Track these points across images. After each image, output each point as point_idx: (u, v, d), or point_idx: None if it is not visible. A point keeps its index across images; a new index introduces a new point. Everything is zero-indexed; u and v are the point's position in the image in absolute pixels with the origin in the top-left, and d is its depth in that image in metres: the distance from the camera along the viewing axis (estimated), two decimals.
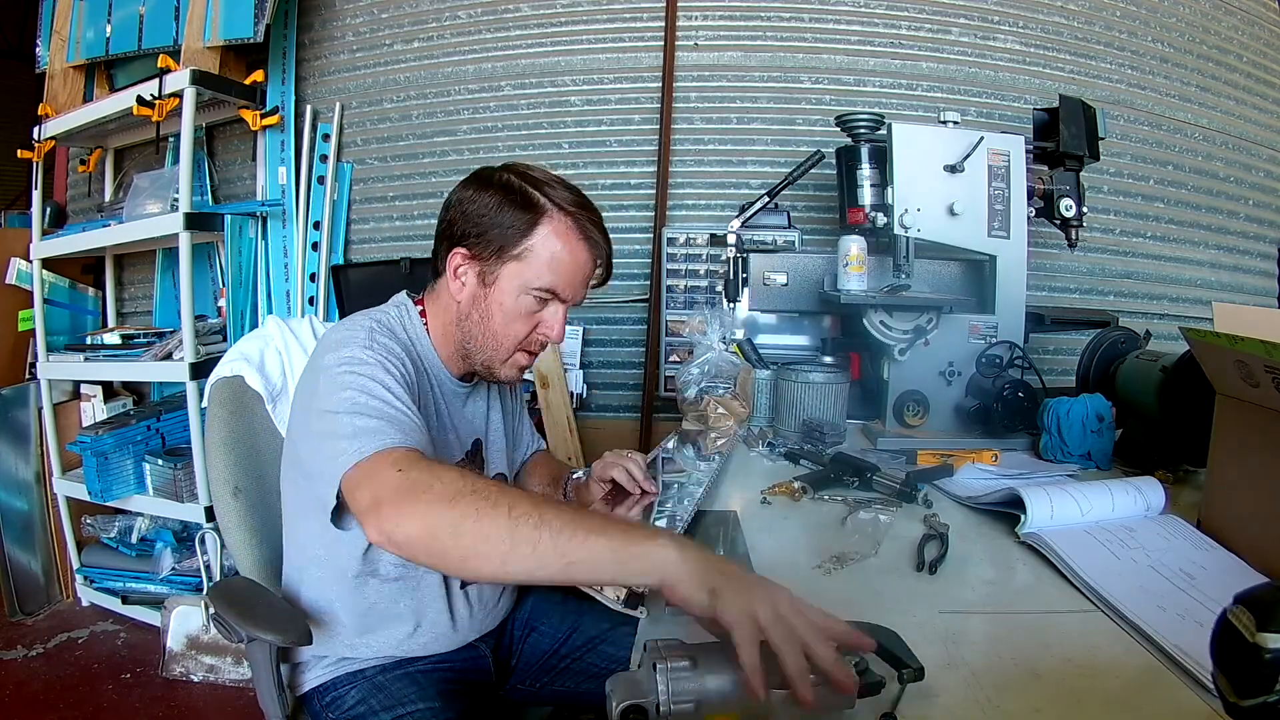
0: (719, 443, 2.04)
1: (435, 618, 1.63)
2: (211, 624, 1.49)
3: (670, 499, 1.66)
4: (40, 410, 3.75)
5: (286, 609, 1.53)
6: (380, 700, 1.55)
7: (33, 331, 3.78)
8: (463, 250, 1.51)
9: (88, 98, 3.83)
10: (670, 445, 2.08)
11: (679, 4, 3.46)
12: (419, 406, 1.39)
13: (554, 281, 1.50)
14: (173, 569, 3.49)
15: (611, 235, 1.59)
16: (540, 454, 2.05)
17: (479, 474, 1.38)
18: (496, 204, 1.48)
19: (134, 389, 4.05)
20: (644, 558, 1.03)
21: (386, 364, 1.37)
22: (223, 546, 3.08)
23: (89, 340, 3.68)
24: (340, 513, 1.28)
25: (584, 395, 3.51)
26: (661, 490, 1.73)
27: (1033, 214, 2.42)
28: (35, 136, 3.73)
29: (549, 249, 1.48)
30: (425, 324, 1.61)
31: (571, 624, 1.85)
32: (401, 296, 1.65)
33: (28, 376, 3.89)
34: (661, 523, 1.51)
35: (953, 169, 2.21)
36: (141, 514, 3.57)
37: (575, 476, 1.93)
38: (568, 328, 3.22)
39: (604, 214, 1.59)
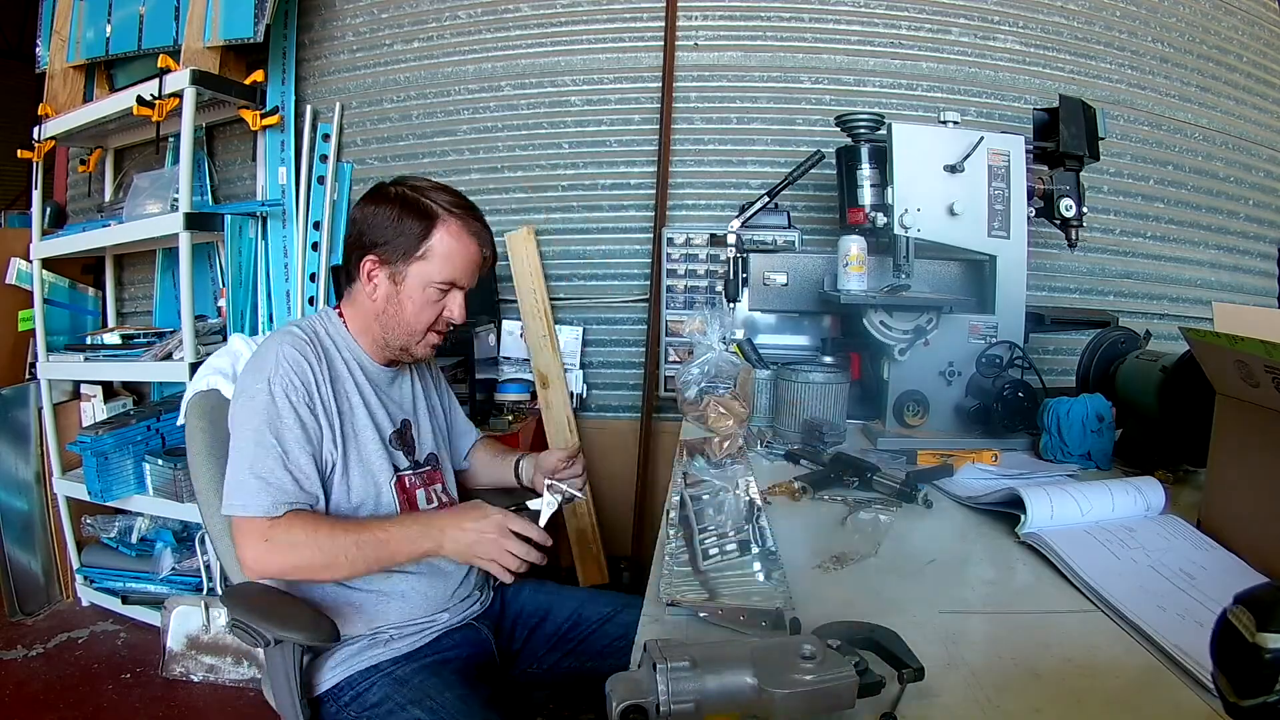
0: (725, 445, 2.04)
1: (425, 573, 1.77)
2: (230, 630, 1.52)
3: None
4: (40, 410, 3.75)
5: (311, 608, 1.55)
6: (406, 694, 1.60)
7: (33, 331, 3.78)
8: (372, 257, 1.75)
9: (88, 98, 3.83)
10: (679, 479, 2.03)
11: (679, 4, 3.46)
12: (326, 400, 1.71)
13: (452, 274, 1.76)
14: (173, 569, 3.49)
15: (612, 235, 1.70)
16: (485, 439, 2.28)
17: (323, 524, 1.62)
18: (396, 215, 1.73)
19: (134, 389, 4.05)
20: (424, 557, 1.68)
21: (288, 396, 1.64)
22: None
23: (89, 340, 3.69)
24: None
25: (584, 395, 3.52)
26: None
27: (1033, 214, 2.42)
28: (35, 136, 3.73)
29: (444, 247, 1.74)
30: (345, 324, 1.84)
31: (575, 608, 1.94)
32: (324, 307, 1.97)
33: (28, 376, 3.89)
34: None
35: (953, 169, 2.21)
36: (141, 514, 3.57)
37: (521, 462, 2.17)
38: (568, 328, 3.28)
39: (604, 214, 1.68)
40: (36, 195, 3.79)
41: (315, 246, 3.65)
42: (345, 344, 1.81)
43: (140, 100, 3.25)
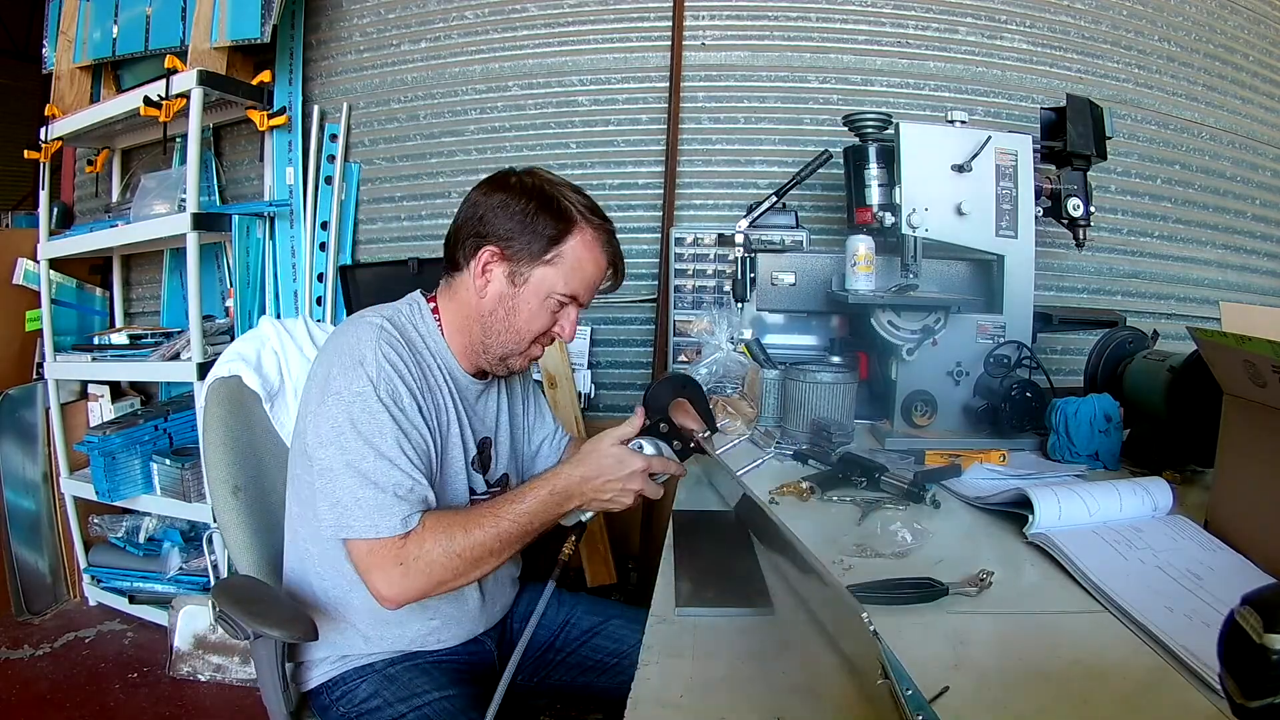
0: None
1: (451, 610, 1.67)
2: (217, 622, 1.50)
3: None
4: (48, 410, 3.77)
5: (291, 605, 1.54)
6: (394, 692, 1.58)
7: (40, 332, 3.80)
8: (493, 248, 1.57)
9: (95, 98, 3.84)
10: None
11: (686, 4, 3.45)
12: (426, 411, 1.53)
13: (577, 288, 1.60)
14: (180, 569, 3.51)
15: (619, 235, 1.66)
16: (576, 441, 2.10)
17: (460, 517, 1.50)
18: (532, 209, 1.55)
19: (141, 389, 4.07)
20: (558, 518, 1.56)
21: (396, 402, 1.47)
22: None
23: (96, 340, 3.71)
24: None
25: (592, 395, 3.51)
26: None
27: (1040, 214, 2.41)
28: (42, 137, 3.74)
29: (576, 257, 1.58)
30: (439, 320, 1.65)
31: (565, 616, 1.91)
32: (416, 295, 1.70)
33: (35, 377, 3.91)
34: None
35: (960, 168, 2.21)
36: (149, 514, 3.59)
37: None
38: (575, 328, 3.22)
39: (611, 214, 1.66)
40: (44, 196, 3.81)
41: (323, 247, 3.65)
42: (437, 348, 1.64)
43: (147, 101, 3.26)
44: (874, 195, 2.47)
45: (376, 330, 1.51)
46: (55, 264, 3.81)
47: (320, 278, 3.65)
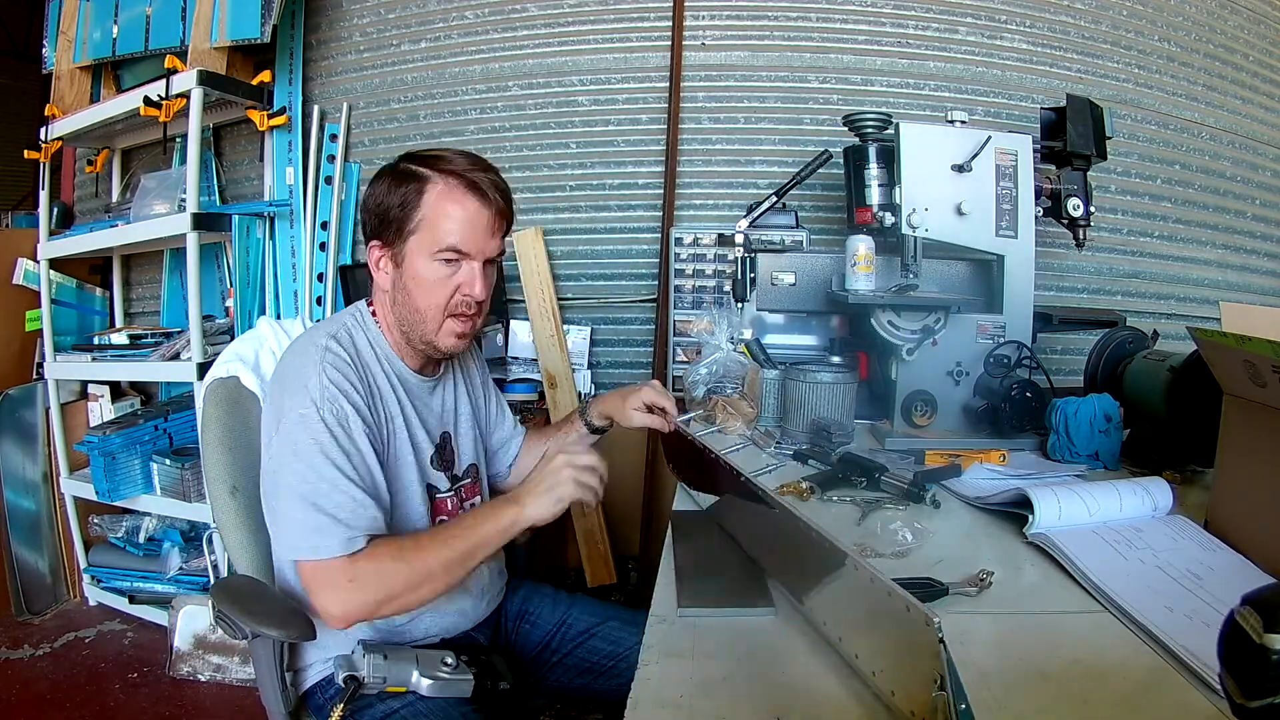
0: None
1: (441, 605, 1.66)
2: (216, 622, 1.50)
3: None
4: (48, 410, 3.76)
5: (290, 604, 1.54)
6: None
7: (40, 332, 3.79)
8: (376, 242, 1.62)
9: (95, 98, 3.84)
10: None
11: (686, 4, 3.46)
12: (373, 427, 1.55)
13: (454, 240, 1.57)
14: (180, 569, 3.50)
15: (619, 235, 1.66)
16: (531, 434, 2.16)
17: (404, 540, 1.50)
18: (386, 189, 1.59)
19: (141, 389, 4.06)
20: (511, 528, 1.50)
21: (341, 424, 1.48)
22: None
23: (96, 340, 3.70)
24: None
25: (592, 395, 3.51)
26: None
27: (1040, 214, 2.41)
28: (42, 137, 3.74)
29: (439, 211, 1.56)
30: (379, 324, 1.68)
31: (561, 615, 1.91)
32: (360, 304, 1.72)
33: (35, 377, 3.90)
34: None
35: (960, 168, 2.20)
36: (149, 514, 3.58)
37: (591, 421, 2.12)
38: (575, 328, 3.25)
39: (612, 214, 1.66)
40: (44, 196, 3.81)
41: (323, 247, 3.65)
42: (384, 353, 1.65)
43: (147, 101, 3.26)
44: (874, 195, 2.46)
45: (320, 353, 1.52)
46: (55, 264, 3.81)
47: (320, 278, 3.64)
